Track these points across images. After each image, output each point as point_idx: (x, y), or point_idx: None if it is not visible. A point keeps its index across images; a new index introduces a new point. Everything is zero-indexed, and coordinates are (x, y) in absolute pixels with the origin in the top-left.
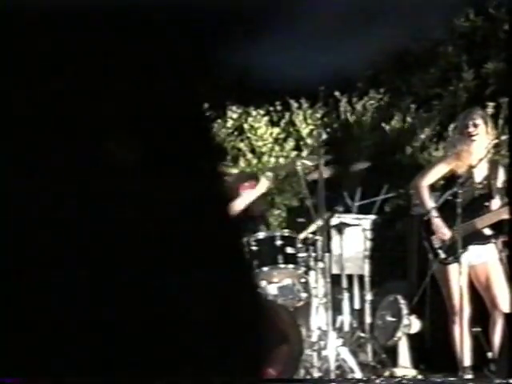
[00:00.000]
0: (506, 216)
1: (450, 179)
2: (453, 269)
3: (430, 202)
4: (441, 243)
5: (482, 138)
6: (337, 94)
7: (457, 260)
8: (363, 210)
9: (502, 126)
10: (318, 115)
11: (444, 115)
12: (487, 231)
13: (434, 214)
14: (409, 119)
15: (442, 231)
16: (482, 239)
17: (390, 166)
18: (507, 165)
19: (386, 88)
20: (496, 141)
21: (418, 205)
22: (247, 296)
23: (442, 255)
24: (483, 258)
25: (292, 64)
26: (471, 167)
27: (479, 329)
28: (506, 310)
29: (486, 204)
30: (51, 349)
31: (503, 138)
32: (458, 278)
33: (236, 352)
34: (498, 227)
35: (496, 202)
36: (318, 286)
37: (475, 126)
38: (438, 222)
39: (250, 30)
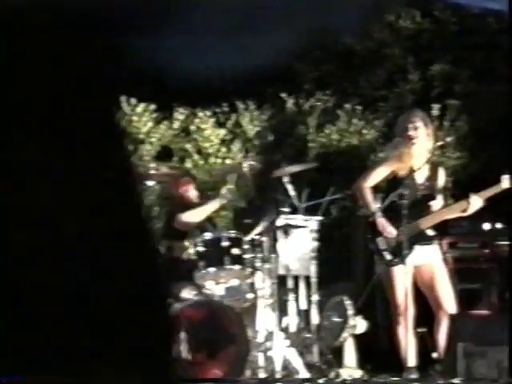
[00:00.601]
0: (448, 216)
1: (392, 181)
2: (398, 270)
3: (373, 204)
4: (386, 245)
5: (423, 140)
6: (283, 95)
7: (402, 262)
8: (310, 211)
9: (448, 127)
10: (265, 116)
11: (390, 117)
12: (431, 232)
13: (379, 214)
14: (355, 121)
15: (388, 231)
16: (426, 240)
17: (336, 167)
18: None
19: (332, 89)
20: (440, 143)
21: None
22: (154, 301)
23: (388, 257)
24: (427, 258)
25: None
26: (412, 170)
27: (424, 329)
28: (451, 310)
29: (429, 205)
30: None
31: (449, 139)
32: (403, 279)
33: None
34: (441, 228)
35: (438, 203)
36: (265, 286)
37: (415, 128)
38: (382, 223)
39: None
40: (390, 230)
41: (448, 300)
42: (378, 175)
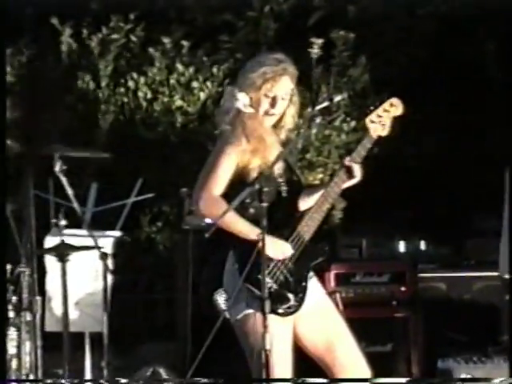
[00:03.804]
0: (330, 199)
1: (239, 178)
2: (273, 317)
3: (247, 224)
4: (272, 277)
5: (285, 105)
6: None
7: (297, 305)
8: (102, 223)
9: (336, 77)
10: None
11: (237, 62)
12: (311, 253)
13: (255, 230)
14: (180, 67)
15: (282, 251)
16: (318, 257)
17: (146, 151)
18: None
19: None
20: (323, 105)
21: (196, 217)
22: None
23: (267, 301)
24: (309, 295)
25: None
26: (274, 160)
27: None
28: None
29: (298, 203)
30: None
31: (338, 98)
32: (282, 332)
33: None
34: (321, 247)
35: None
36: (23, 352)
37: (270, 86)
38: (272, 240)
39: None
40: (285, 249)
41: (352, 363)
42: (226, 173)
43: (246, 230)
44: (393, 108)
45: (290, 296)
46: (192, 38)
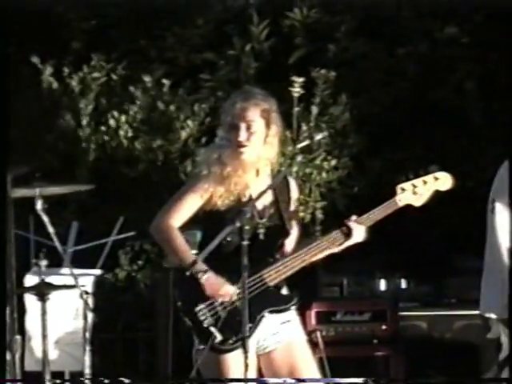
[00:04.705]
0: (313, 258)
1: (216, 212)
2: (233, 358)
3: (188, 252)
4: (213, 317)
5: (261, 143)
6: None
7: (241, 344)
8: (83, 262)
9: (317, 116)
10: None
11: (219, 99)
12: (286, 292)
13: (202, 267)
14: (161, 104)
15: (223, 292)
16: (280, 305)
17: (120, 187)
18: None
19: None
20: (303, 143)
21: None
22: None
23: (218, 337)
24: (282, 337)
25: None
26: (247, 190)
27: None
28: None
29: (278, 244)
30: None
31: (319, 136)
32: (241, 374)
33: None
34: (305, 285)
35: (292, 239)
36: None
37: (247, 123)
38: (212, 281)
39: None
40: (227, 290)
41: None
42: (190, 205)
43: (186, 257)
44: (438, 182)
45: (225, 334)
46: (173, 76)
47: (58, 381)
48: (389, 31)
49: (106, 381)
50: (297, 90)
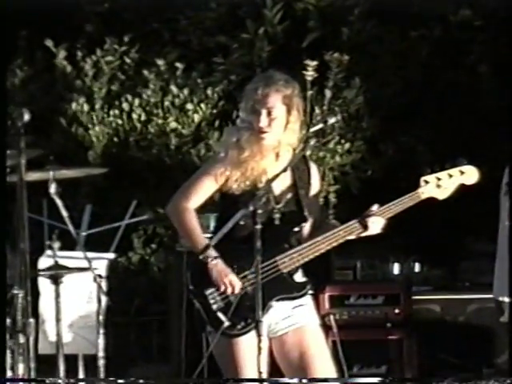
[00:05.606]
0: (329, 246)
1: (231, 195)
2: (244, 342)
3: (201, 236)
4: (223, 302)
5: (281, 127)
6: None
7: (251, 328)
8: (96, 245)
9: (331, 100)
10: None
11: (232, 83)
12: (300, 278)
13: (212, 254)
14: (174, 88)
15: (228, 281)
16: (293, 291)
17: (134, 170)
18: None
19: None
20: (317, 127)
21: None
22: None
23: (226, 322)
24: (294, 322)
25: None
26: (265, 175)
27: None
28: None
29: (294, 230)
30: None
31: (332, 120)
32: (252, 357)
33: None
34: (319, 270)
35: (309, 226)
36: (16, 375)
37: (268, 107)
38: (218, 268)
39: None
40: (231, 280)
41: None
42: (206, 187)
43: (199, 241)
44: (464, 175)
45: (238, 318)
46: (186, 60)
47: (72, 380)
48: (402, 14)
49: (120, 381)
50: (310, 74)
